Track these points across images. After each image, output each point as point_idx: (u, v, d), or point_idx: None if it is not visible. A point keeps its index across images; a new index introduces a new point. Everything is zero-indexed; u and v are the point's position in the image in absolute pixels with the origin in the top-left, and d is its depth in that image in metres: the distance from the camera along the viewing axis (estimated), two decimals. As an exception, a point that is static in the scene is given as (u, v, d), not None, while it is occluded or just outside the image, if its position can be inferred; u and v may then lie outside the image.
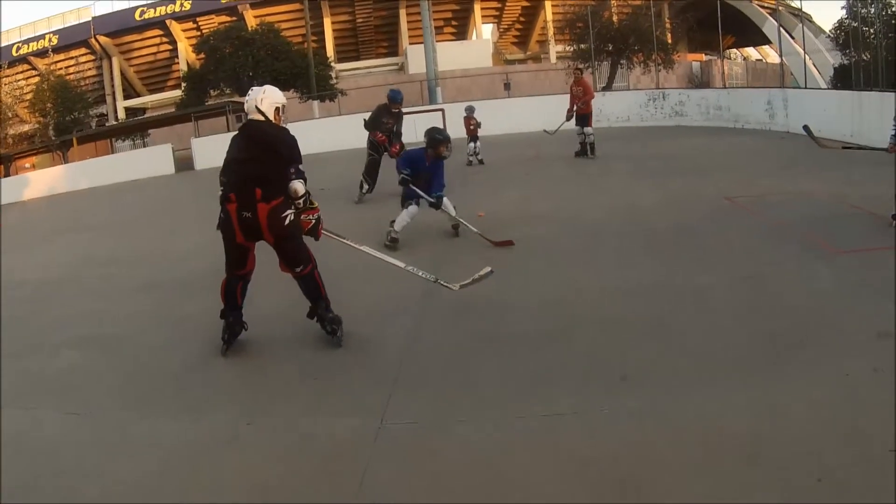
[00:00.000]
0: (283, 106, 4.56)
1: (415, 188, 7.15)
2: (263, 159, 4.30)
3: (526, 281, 5.72)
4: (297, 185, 4.37)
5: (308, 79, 26.24)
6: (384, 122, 10.17)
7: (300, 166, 4.48)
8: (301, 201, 4.42)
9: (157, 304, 6.22)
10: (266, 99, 4.48)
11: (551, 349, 4.23)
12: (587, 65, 24.74)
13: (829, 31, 24.76)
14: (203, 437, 3.54)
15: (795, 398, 3.35)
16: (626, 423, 3.28)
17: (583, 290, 5.36)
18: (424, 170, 7.23)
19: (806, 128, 7.84)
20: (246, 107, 4.55)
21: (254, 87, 4.66)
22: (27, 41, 39.28)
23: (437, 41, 31.75)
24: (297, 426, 3.57)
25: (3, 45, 37.60)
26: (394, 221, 7.11)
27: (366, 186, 10.31)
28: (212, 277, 6.75)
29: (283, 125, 4.54)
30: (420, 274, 5.23)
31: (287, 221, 4.33)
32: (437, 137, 7.17)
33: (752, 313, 4.56)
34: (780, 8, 27.35)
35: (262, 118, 4.47)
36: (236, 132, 4.60)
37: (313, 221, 4.55)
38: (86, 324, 5.77)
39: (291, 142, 4.43)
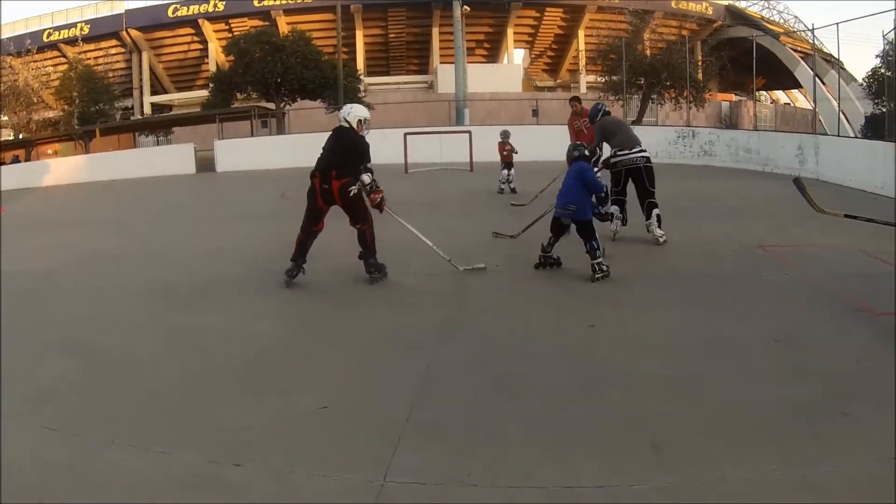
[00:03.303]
0: (366, 119, 6.43)
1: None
2: (342, 154, 6.21)
3: (548, 327, 5.32)
4: (364, 177, 6.22)
5: (336, 90, 25.79)
6: None
7: (369, 164, 6.32)
8: (369, 186, 6.23)
9: (157, 310, 5.91)
10: (352, 113, 6.42)
11: (575, 406, 3.82)
12: (618, 96, 24.50)
13: (862, 79, 24.41)
14: (172, 476, 3.14)
15: (837, 475, 3.01)
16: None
17: (609, 339, 4.96)
18: None
19: (797, 182, 5.76)
20: (339, 116, 6.55)
21: (345, 105, 6.85)
22: (58, 28, 39.50)
23: (468, 62, 31.76)
24: (286, 476, 3.14)
25: (33, 29, 37.82)
26: (597, 252, 6.40)
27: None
28: (221, 287, 6.54)
29: (363, 133, 6.34)
30: (440, 253, 6.76)
31: (352, 193, 6.16)
32: None
33: (789, 376, 4.17)
34: (815, 53, 26.90)
35: (348, 126, 6.31)
36: (331, 132, 6.50)
37: (378, 199, 6.28)
38: (78, 327, 5.45)
39: (364, 146, 6.29)
